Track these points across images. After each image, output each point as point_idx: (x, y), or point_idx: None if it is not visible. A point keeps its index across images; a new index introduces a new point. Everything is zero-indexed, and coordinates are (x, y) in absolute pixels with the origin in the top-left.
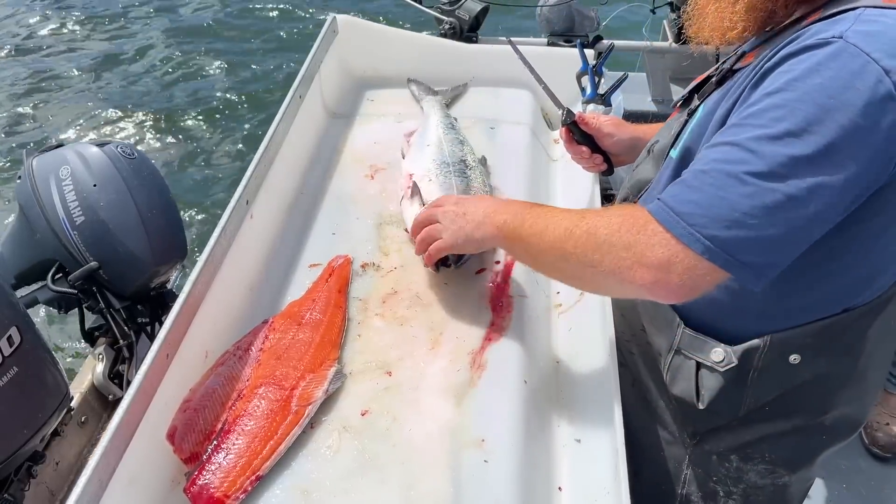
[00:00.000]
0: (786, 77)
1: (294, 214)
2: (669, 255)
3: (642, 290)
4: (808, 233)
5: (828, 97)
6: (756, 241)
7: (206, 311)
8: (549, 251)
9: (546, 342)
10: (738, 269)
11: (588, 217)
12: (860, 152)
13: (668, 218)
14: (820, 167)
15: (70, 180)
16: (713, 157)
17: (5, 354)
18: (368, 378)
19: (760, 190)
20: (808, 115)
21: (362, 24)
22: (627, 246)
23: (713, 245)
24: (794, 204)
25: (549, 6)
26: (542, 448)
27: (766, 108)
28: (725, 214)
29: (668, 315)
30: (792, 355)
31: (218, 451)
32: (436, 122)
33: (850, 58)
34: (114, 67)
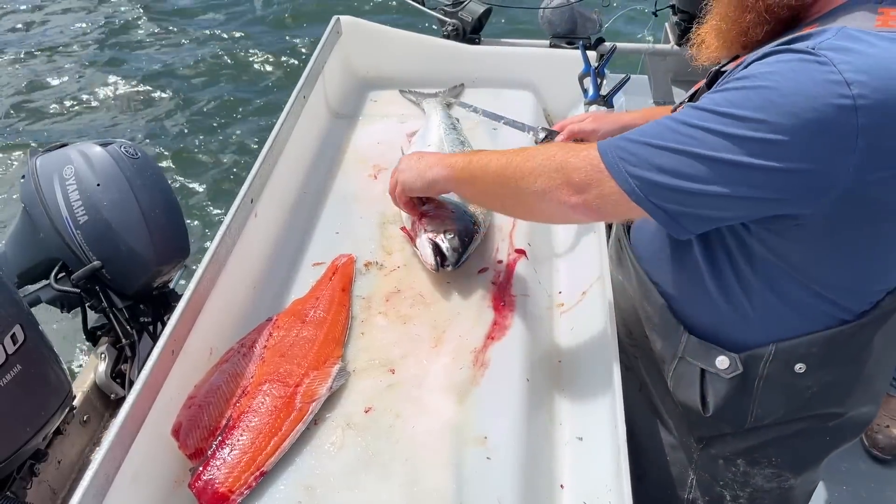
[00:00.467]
0: (753, 70)
1: (298, 213)
2: (592, 178)
3: (566, 209)
4: (723, 204)
5: (780, 95)
6: (669, 188)
7: (211, 309)
8: (492, 181)
9: (548, 341)
10: (649, 208)
11: (527, 150)
12: (793, 156)
13: (606, 149)
14: (748, 153)
15: (73, 180)
16: (674, 115)
17: (9, 352)
18: (372, 376)
19: (688, 148)
20: (756, 106)
21: (366, 26)
22: (559, 168)
23: (631, 178)
24: (712, 172)
25: (551, 8)
26: (544, 446)
27: (727, 88)
28: (650, 156)
29: (671, 323)
30: (797, 364)
31: (222, 447)
32: (437, 122)
33: (817, 65)
34: (118, 67)
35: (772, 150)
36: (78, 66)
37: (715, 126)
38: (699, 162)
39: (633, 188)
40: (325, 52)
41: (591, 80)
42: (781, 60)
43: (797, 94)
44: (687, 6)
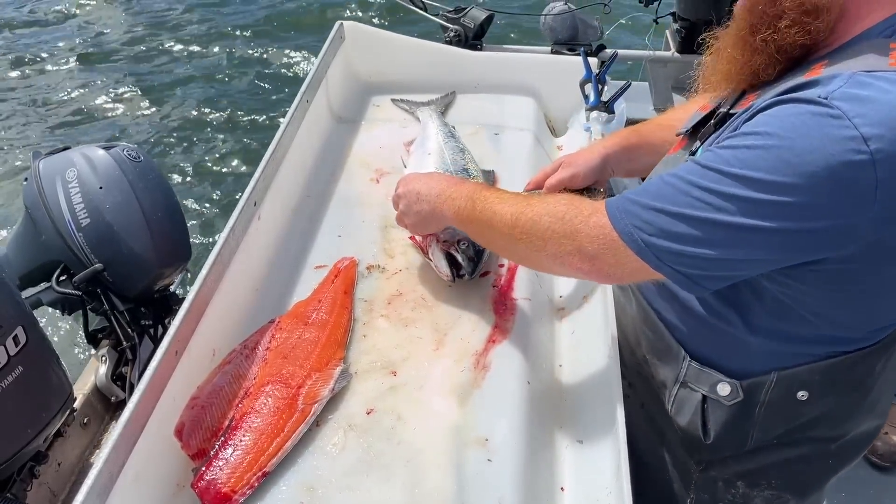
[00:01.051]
0: (765, 124)
1: (300, 216)
2: (606, 247)
3: (580, 274)
4: (741, 266)
5: (794, 155)
6: (687, 256)
7: (214, 310)
8: (499, 236)
9: (549, 345)
10: (668, 273)
11: (534, 204)
12: (809, 216)
13: (616, 213)
14: (763, 216)
15: (76, 183)
16: (679, 172)
17: (11, 354)
18: (373, 378)
19: (704, 215)
20: (769, 168)
21: (368, 31)
22: (569, 234)
23: (647, 248)
24: (729, 238)
25: (552, 15)
26: (544, 448)
27: (737, 145)
28: (666, 225)
29: (673, 348)
30: (800, 391)
31: (225, 448)
32: (435, 130)
33: (830, 119)
34: (120, 71)
35: (789, 213)
36: (81, 69)
37: (729, 190)
38: (717, 228)
39: (651, 257)
40: (329, 57)
41: (593, 86)
42: (792, 113)
43: (811, 151)
44: (687, 14)
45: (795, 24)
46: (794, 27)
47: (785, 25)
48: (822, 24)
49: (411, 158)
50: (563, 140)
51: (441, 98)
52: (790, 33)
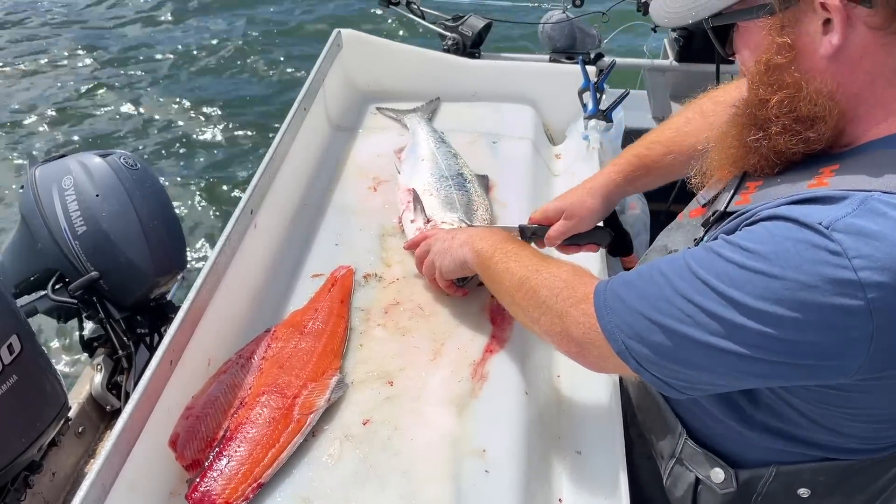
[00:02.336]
0: (761, 241)
1: (297, 225)
2: (591, 339)
3: (568, 356)
4: (719, 384)
5: (784, 287)
6: (665, 366)
7: (210, 319)
8: (505, 294)
9: (546, 355)
10: (648, 378)
11: (541, 272)
12: (791, 352)
13: (602, 306)
14: (745, 343)
15: (73, 190)
16: (667, 268)
17: (5, 363)
18: (370, 387)
19: (684, 330)
20: (757, 294)
21: (366, 39)
22: (560, 315)
23: (627, 350)
24: (708, 357)
25: (551, 24)
26: (542, 459)
27: (730, 259)
28: (645, 332)
29: (671, 422)
30: (801, 489)
31: (220, 459)
32: (425, 136)
33: (827, 255)
34: (118, 78)
35: (773, 345)
36: (78, 77)
37: (712, 307)
38: (696, 346)
39: (630, 360)
40: (326, 65)
41: (591, 94)
42: (788, 237)
43: (803, 289)
44: None
45: (787, 132)
46: (785, 134)
47: (776, 132)
48: (815, 135)
49: (404, 165)
50: (561, 148)
51: (426, 105)
52: (783, 140)
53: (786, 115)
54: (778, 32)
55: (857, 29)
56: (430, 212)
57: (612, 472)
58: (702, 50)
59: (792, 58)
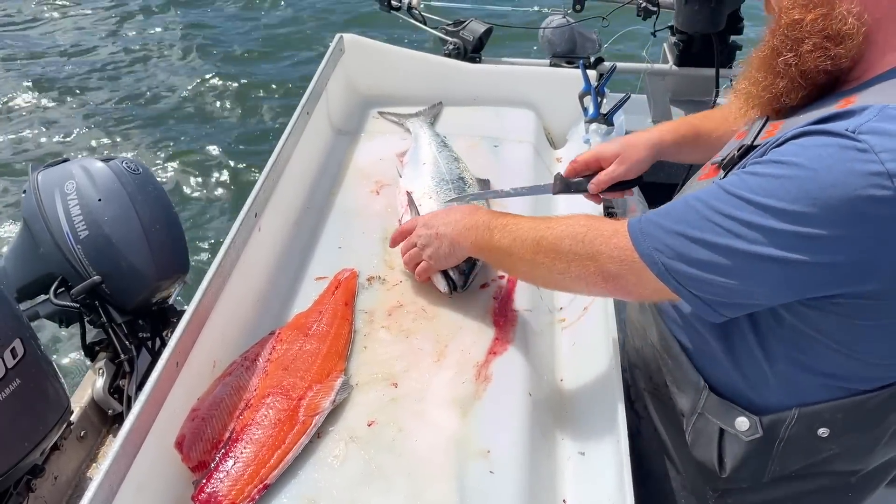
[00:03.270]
0: (792, 154)
1: (301, 228)
2: (627, 268)
3: (604, 294)
4: (759, 296)
5: (817, 187)
6: (706, 282)
7: (215, 321)
8: (520, 262)
9: (550, 356)
10: (687, 297)
11: (553, 227)
12: (828, 250)
13: (637, 235)
14: (784, 247)
15: (75, 195)
16: (702, 195)
17: (8, 367)
18: (374, 389)
19: (724, 242)
20: (792, 198)
21: (368, 44)
22: (592, 256)
23: (667, 271)
24: (748, 267)
25: (551, 28)
26: (546, 460)
27: (762, 173)
28: (686, 249)
29: (692, 377)
30: (821, 429)
31: (226, 460)
32: (427, 140)
33: (856, 153)
34: (120, 82)
35: (811, 245)
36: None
37: (751, 218)
38: (736, 256)
39: (671, 280)
40: (329, 70)
41: (592, 98)
42: (818, 145)
43: (835, 185)
44: (685, 27)
45: (817, 49)
46: (815, 52)
47: (807, 50)
48: (844, 51)
49: (406, 169)
50: (562, 152)
51: (429, 109)
52: (812, 58)
53: (818, 34)
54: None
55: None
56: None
57: (616, 473)
58: (701, 54)
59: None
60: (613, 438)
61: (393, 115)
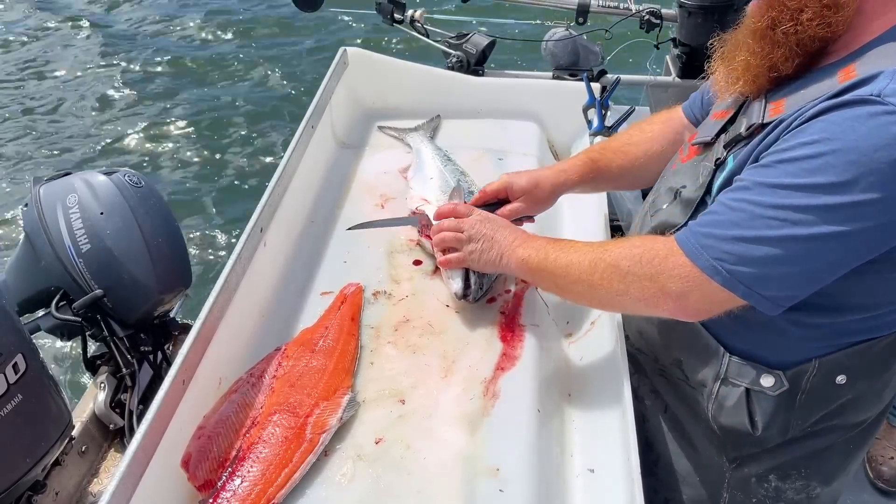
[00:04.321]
0: (823, 131)
1: (306, 242)
2: (691, 285)
3: (666, 314)
4: (823, 275)
5: (861, 154)
6: (773, 278)
7: (221, 338)
8: (576, 283)
9: (558, 371)
10: (756, 300)
11: (610, 249)
12: (884, 211)
13: (694, 250)
14: (842, 220)
15: (77, 208)
16: (744, 195)
17: (10, 382)
18: (382, 406)
19: (783, 233)
20: (838, 171)
21: (372, 57)
22: (651, 277)
23: (733, 277)
24: (811, 250)
25: (554, 41)
26: (556, 478)
27: (799, 157)
28: (747, 251)
29: (710, 345)
30: (839, 376)
31: (232, 479)
32: (430, 155)
33: (886, 115)
34: (123, 96)
35: (865, 211)
36: (82, 94)
37: (802, 202)
38: (798, 243)
39: (738, 286)
40: (332, 83)
41: (597, 111)
42: (848, 117)
43: (878, 149)
44: (688, 40)
45: (816, 17)
46: (815, 20)
47: (807, 18)
48: (841, 18)
49: (412, 184)
50: None
51: (427, 123)
52: (811, 26)
53: (818, 2)
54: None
55: None
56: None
57: (626, 490)
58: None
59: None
60: (624, 454)
61: (392, 130)
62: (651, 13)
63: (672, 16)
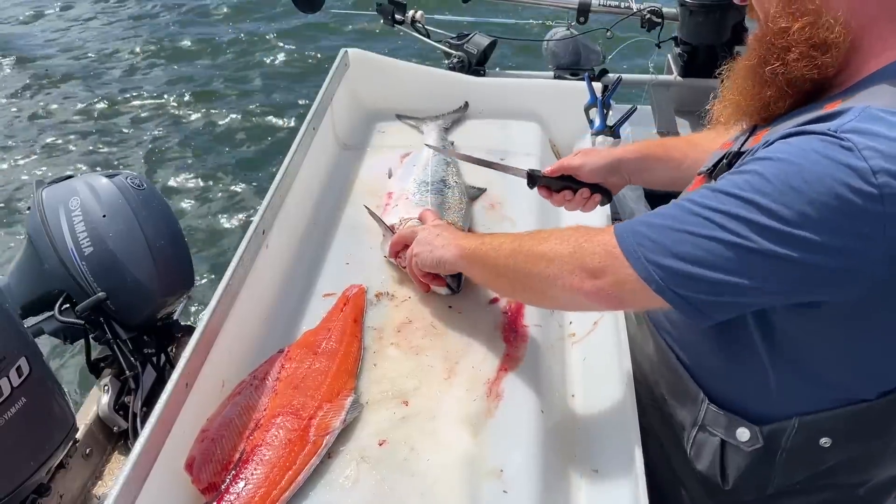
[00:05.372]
0: (778, 151)
1: (308, 244)
2: (609, 265)
3: (580, 296)
4: (746, 292)
5: (803, 181)
6: (691, 276)
7: (224, 340)
8: (503, 265)
9: (561, 372)
10: (670, 297)
11: (540, 233)
12: (810, 249)
13: (622, 233)
14: (770, 241)
15: (79, 211)
16: (691, 195)
17: (14, 385)
18: (385, 407)
19: (711, 233)
20: (779, 196)
21: (373, 58)
22: (573, 252)
23: (650, 266)
24: (735, 258)
25: (555, 40)
26: (560, 479)
27: (749, 170)
28: (671, 243)
29: (691, 388)
30: (822, 438)
31: (236, 482)
32: (431, 143)
33: (840, 150)
34: (125, 98)
35: (795, 242)
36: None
37: (736, 211)
38: (722, 248)
39: (651, 276)
40: (334, 85)
41: (598, 111)
42: (803, 144)
43: (819, 181)
44: (689, 38)
45: (804, 58)
46: (802, 60)
47: (793, 58)
48: (830, 59)
49: (400, 170)
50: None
51: (450, 113)
52: (799, 66)
53: (805, 42)
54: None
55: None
56: (402, 214)
57: (631, 489)
58: (705, 65)
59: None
60: (628, 454)
61: (411, 119)
62: (652, 12)
63: (673, 14)
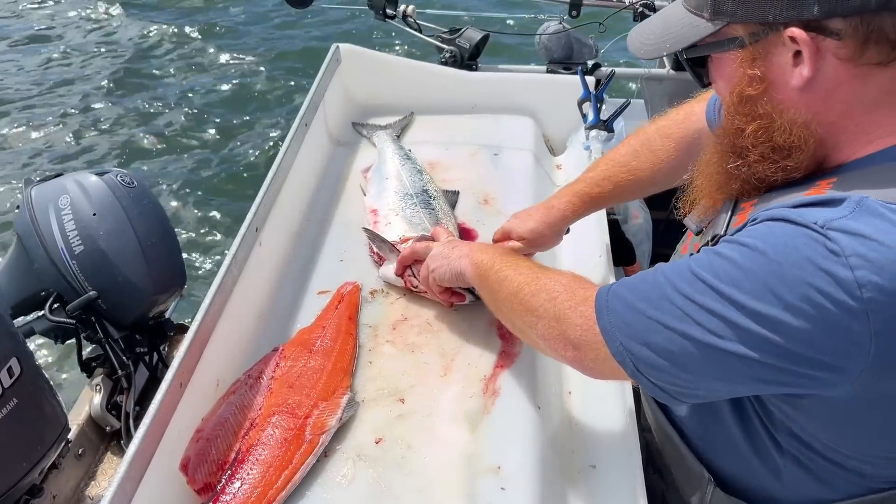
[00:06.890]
0: (760, 237)
1: (302, 242)
2: (588, 340)
3: (569, 363)
4: (717, 388)
5: (781, 282)
6: (663, 369)
7: (217, 340)
8: (502, 302)
9: (557, 368)
10: (644, 383)
11: (541, 279)
12: (780, 356)
13: (602, 307)
14: (743, 341)
15: (69, 209)
16: (670, 271)
17: (5, 386)
18: (381, 405)
19: (684, 328)
20: (758, 291)
21: (364, 53)
22: (558, 318)
23: (625, 350)
24: (705, 358)
25: (547, 34)
26: (558, 475)
27: (727, 255)
28: (644, 334)
29: (696, 471)
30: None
31: (232, 482)
32: (391, 154)
33: (825, 253)
34: (115, 96)
35: (769, 347)
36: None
37: (714, 307)
38: (697, 348)
39: (625, 360)
40: (326, 80)
41: (592, 105)
42: (787, 234)
43: (798, 286)
44: None
45: (766, 160)
46: (764, 162)
47: (754, 160)
48: (793, 163)
49: (370, 186)
50: (562, 159)
51: (398, 121)
52: (761, 168)
53: (762, 144)
54: (749, 65)
55: (828, 60)
56: (397, 231)
57: (628, 485)
58: None
59: (763, 89)
60: (625, 449)
61: (363, 128)
62: (644, 5)
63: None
